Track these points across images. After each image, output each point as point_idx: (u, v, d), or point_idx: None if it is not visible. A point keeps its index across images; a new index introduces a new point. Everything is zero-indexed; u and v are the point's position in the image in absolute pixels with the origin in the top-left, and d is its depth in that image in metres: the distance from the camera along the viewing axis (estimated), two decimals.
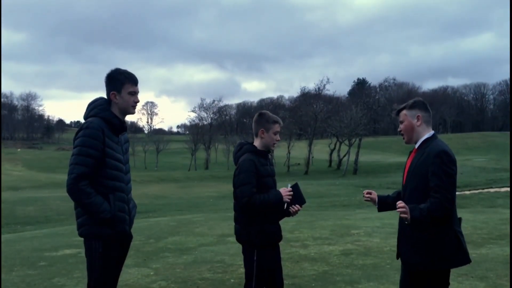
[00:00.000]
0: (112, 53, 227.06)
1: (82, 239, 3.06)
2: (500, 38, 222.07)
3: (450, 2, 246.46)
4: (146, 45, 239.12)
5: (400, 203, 2.79)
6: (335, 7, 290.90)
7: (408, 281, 3.02)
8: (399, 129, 3.11)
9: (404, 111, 3.05)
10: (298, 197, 3.51)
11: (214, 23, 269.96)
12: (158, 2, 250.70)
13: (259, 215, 3.35)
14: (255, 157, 3.40)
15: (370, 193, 3.26)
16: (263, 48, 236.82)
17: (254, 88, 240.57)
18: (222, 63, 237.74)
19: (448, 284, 2.95)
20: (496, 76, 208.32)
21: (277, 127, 3.49)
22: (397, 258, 3.17)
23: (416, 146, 3.02)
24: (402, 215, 2.77)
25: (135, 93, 3.10)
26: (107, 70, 3.12)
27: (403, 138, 3.09)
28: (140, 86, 3.18)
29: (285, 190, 3.40)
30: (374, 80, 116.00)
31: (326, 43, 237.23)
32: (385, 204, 3.26)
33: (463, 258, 2.90)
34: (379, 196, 3.26)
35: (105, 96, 3.13)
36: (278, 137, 3.52)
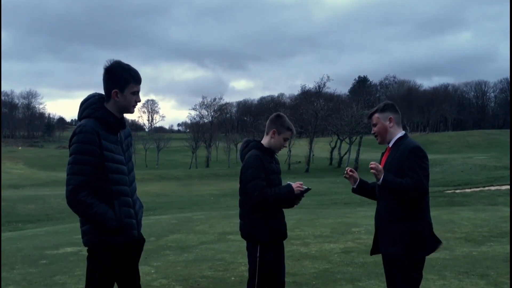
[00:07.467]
0: (93, 51, 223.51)
1: (84, 243, 2.83)
2: (478, 36, 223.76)
3: (422, 2, 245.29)
4: (125, 44, 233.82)
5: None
6: (307, 6, 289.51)
7: (391, 273, 3.15)
8: (372, 132, 3.27)
9: (376, 114, 3.23)
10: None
11: (189, 22, 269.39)
12: (126, 1, 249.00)
13: (268, 211, 3.37)
14: (261, 154, 3.43)
15: (353, 172, 3.36)
16: (244, 47, 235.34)
17: (242, 87, 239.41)
18: (205, 62, 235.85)
19: (421, 274, 3.08)
20: (481, 74, 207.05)
21: (288, 134, 3.54)
22: (371, 254, 3.37)
23: (390, 145, 3.20)
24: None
25: (137, 93, 2.85)
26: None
27: (377, 140, 3.27)
28: None
29: (296, 184, 3.41)
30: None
31: (305, 42, 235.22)
32: (364, 188, 3.37)
33: (435, 243, 3.08)
34: (361, 179, 3.36)
35: (99, 91, 2.88)
36: (286, 143, 3.57)
